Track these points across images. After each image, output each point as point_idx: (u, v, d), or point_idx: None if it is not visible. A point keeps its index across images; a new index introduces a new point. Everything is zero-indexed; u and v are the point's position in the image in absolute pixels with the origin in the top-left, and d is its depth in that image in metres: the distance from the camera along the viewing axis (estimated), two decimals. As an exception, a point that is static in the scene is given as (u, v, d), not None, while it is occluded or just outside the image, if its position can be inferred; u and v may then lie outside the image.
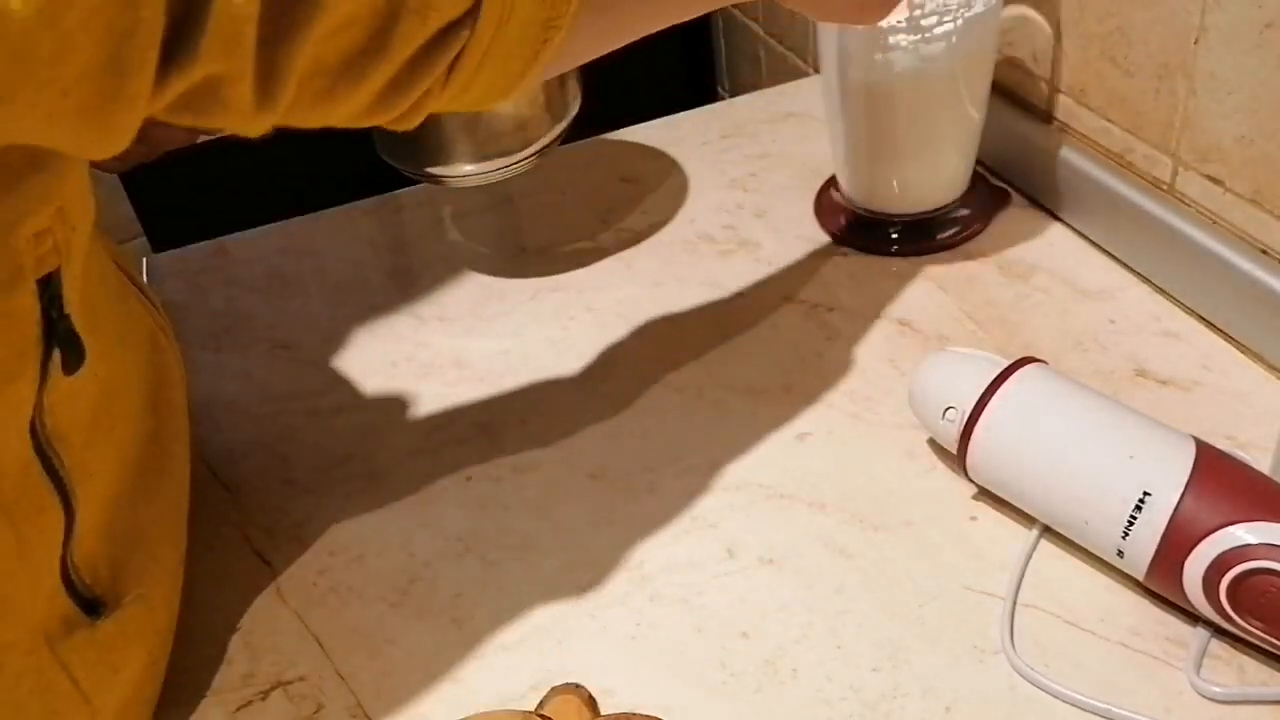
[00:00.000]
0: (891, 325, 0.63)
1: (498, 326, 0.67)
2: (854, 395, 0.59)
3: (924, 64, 0.62)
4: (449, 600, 0.51)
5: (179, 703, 0.47)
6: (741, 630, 0.48)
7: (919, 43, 0.61)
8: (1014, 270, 0.66)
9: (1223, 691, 0.42)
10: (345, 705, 0.47)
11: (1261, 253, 0.57)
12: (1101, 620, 0.46)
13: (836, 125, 0.69)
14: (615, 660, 0.47)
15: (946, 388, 0.51)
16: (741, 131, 0.84)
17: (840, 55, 0.65)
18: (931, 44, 0.61)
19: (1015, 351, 0.53)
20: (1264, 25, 0.53)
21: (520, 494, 0.56)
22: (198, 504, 0.57)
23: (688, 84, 1.24)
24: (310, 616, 0.51)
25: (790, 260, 0.70)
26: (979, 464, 0.49)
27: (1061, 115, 0.70)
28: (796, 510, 0.53)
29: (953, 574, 0.49)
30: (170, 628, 0.47)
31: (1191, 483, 0.43)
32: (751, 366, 0.62)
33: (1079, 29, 0.66)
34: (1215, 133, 0.58)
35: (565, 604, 0.50)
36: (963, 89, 0.64)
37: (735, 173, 0.79)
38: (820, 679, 0.45)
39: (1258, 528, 0.41)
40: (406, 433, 0.60)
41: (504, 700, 0.46)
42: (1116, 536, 0.45)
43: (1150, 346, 0.59)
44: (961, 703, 0.44)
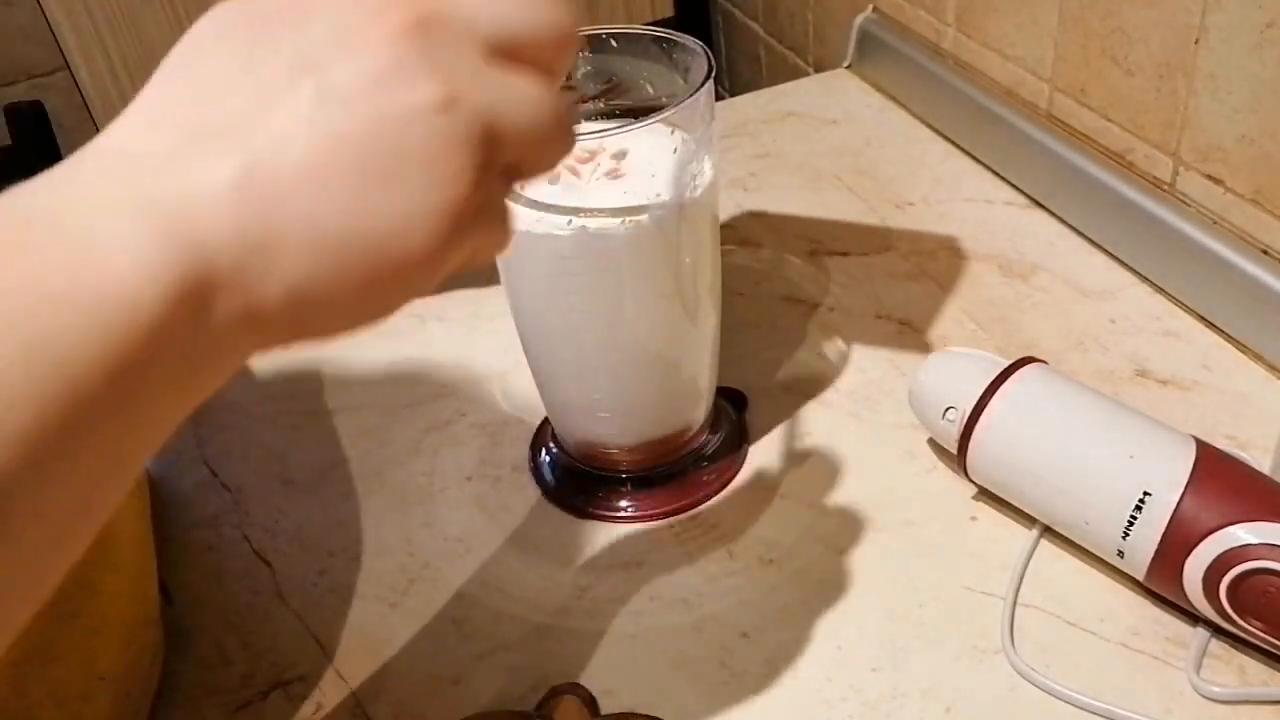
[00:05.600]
0: (891, 325, 0.63)
1: (498, 326, 0.67)
2: (854, 395, 0.59)
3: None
4: (449, 600, 0.51)
5: (179, 703, 0.47)
6: (741, 630, 0.48)
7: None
8: (1014, 270, 0.66)
9: (1223, 691, 0.42)
10: (345, 705, 0.47)
11: (1262, 253, 0.57)
12: (1101, 620, 0.46)
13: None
14: (615, 660, 0.47)
15: (946, 388, 0.51)
16: (741, 131, 0.84)
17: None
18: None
19: (1015, 351, 0.53)
20: (1264, 25, 0.53)
21: (520, 494, 0.56)
22: (199, 504, 0.57)
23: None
24: (310, 616, 0.51)
25: (790, 259, 0.70)
26: (979, 464, 0.49)
27: (1061, 115, 0.70)
28: (796, 510, 0.53)
29: (953, 574, 0.49)
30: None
31: (1191, 483, 0.43)
32: (751, 366, 0.61)
33: (1079, 29, 0.66)
34: (1216, 132, 0.58)
35: (565, 604, 0.50)
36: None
37: (735, 173, 0.79)
38: (820, 679, 0.45)
39: (1258, 528, 0.41)
40: (406, 433, 0.60)
41: (504, 700, 0.46)
42: (1116, 536, 0.45)
43: (1150, 346, 0.59)
44: (961, 703, 0.44)
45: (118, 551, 0.44)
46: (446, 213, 0.25)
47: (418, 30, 0.24)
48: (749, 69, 1.17)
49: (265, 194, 0.23)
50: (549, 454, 0.57)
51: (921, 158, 0.78)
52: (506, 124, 0.26)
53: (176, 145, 0.23)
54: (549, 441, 0.57)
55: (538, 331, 0.51)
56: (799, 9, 1.01)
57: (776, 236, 0.72)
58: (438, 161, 0.24)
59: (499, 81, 0.26)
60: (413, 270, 0.25)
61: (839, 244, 0.70)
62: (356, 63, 0.24)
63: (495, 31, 0.26)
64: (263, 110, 0.23)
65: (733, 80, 1.22)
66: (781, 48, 1.07)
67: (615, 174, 0.45)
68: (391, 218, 0.24)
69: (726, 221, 0.74)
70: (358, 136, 0.24)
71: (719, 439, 0.56)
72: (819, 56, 1.00)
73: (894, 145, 0.80)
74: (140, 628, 0.46)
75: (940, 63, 0.80)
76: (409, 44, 0.24)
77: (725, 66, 1.23)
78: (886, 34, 0.86)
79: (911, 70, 0.83)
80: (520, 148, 0.27)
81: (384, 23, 0.24)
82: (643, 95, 0.49)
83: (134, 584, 0.45)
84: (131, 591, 0.45)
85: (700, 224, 0.47)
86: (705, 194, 0.46)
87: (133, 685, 0.44)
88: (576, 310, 0.47)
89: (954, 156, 0.78)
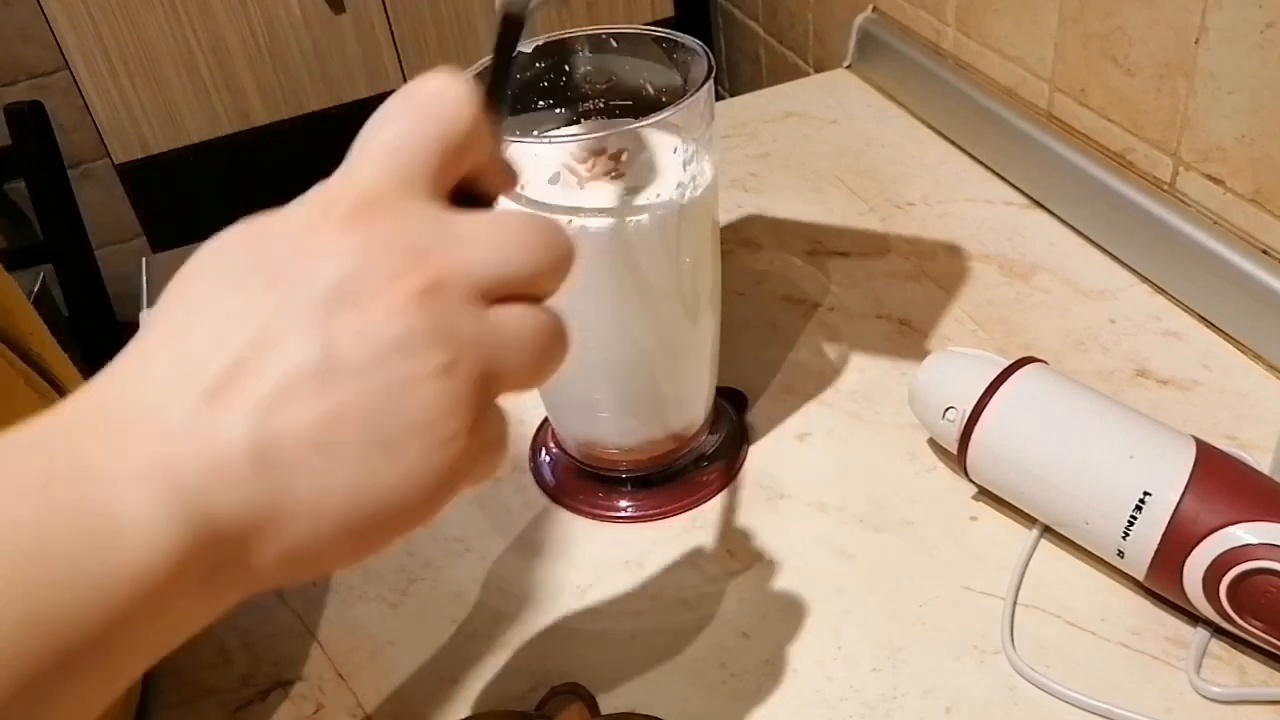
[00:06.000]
0: (891, 325, 0.63)
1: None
2: (854, 395, 0.59)
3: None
4: (449, 600, 0.51)
5: (179, 703, 0.47)
6: (741, 630, 0.48)
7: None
8: (1014, 270, 0.66)
9: (1223, 691, 0.42)
10: (345, 705, 0.47)
11: (1262, 253, 0.57)
12: (1101, 620, 0.46)
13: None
14: (615, 660, 0.47)
15: (946, 388, 0.51)
16: (741, 131, 0.84)
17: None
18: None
19: (1015, 351, 0.53)
20: (1264, 25, 0.53)
21: (520, 494, 0.56)
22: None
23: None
24: (310, 616, 0.51)
25: (790, 259, 0.70)
26: (979, 464, 0.49)
27: (1061, 115, 0.70)
28: (796, 510, 0.53)
29: (953, 574, 0.49)
30: None
31: (1191, 483, 0.43)
32: (751, 366, 0.61)
33: (1079, 29, 0.66)
34: (1216, 132, 0.58)
35: (565, 604, 0.50)
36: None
37: (735, 173, 0.79)
38: (820, 679, 0.45)
39: (1258, 528, 0.41)
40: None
41: (504, 700, 0.46)
42: (1117, 536, 0.45)
43: (1150, 346, 0.59)
44: (961, 703, 0.44)
45: None
46: (445, 470, 0.25)
47: (425, 298, 0.25)
48: (749, 69, 1.17)
49: (276, 467, 0.23)
50: (549, 454, 0.57)
51: (921, 158, 0.78)
52: (504, 369, 0.26)
53: (196, 407, 0.23)
54: (549, 441, 0.57)
55: (537, 331, 0.50)
56: (799, 9, 1.01)
57: (776, 236, 0.72)
58: (438, 425, 0.25)
59: (497, 332, 0.26)
60: (410, 521, 0.26)
61: (839, 244, 0.70)
62: (365, 332, 0.24)
63: (496, 279, 0.26)
64: (276, 374, 0.24)
65: (733, 80, 1.22)
66: (781, 48, 1.07)
67: (615, 174, 0.45)
68: (393, 483, 0.25)
69: (726, 221, 0.74)
70: (364, 408, 0.24)
71: (719, 439, 0.56)
72: (819, 56, 1.00)
73: (894, 145, 0.80)
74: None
75: (940, 63, 0.80)
76: (417, 314, 0.24)
77: (725, 66, 1.23)
78: (886, 34, 0.86)
79: (911, 70, 0.83)
80: (518, 379, 0.27)
81: (395, 290, 0.24)
82: (643, 95, 0.49)
83: None
84: None
85: (700, 224, 0.47)
86: (705, 194, 0.46)
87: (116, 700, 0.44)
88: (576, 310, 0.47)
89: (954, 156, 0.78)
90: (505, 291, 0.27)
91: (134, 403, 0.24)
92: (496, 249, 0.27)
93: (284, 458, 0.23)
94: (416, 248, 0.25)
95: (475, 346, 0.25)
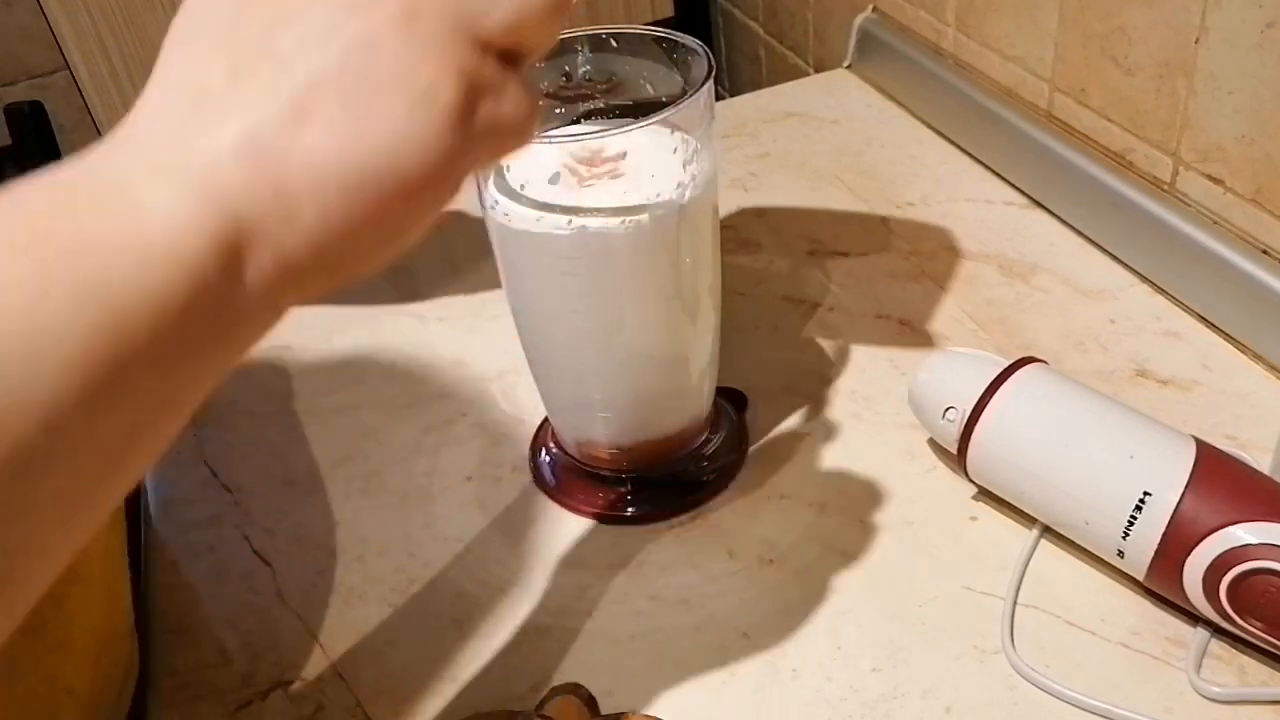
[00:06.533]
0: (891, 325, 0.63)
1: (498, 327, 0.67)
2: (854, 395, 0.59)
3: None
4: (449, 600, 0.51)
5: (179, 703, 0.47)
6: (741, 630, 0.48)
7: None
8: (1014, 270, 0.66)
9: (1223, 691, 0.42)
10: (345, 705, 0.47)
11: (1262, 253, 0.57)
12: (1101, 620, 0.46)
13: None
14: (615, 660, 0.47)
15: (946, 388, 0.51)
16: (741, 131, 0.84)
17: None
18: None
19: (1015, 351, 0.53)
20: (1264, 25, 0.53)
21: (520, 494, 0.56)
22: (199, 504, 0.57)
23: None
24: (310, 616, 0.51)
25: (790, 259, 0.70)
26: (979, 464, 0.49)
27: (1061, 115, 0.70)
28: (796, 510, 0.53)
29: (953, 574, 0.49)
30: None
31: (1192, 483, 0.43)
32: (751, 366, 0.61)
33: (1079, 29, 0.66)
34: (1216, 132, 0.58)
35: (565, 604, 0.50)
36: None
37: (735, 173, 0.79)
38: (820, 679, 0.45)
39: (1258, 528, 0.41)
40: (406, 433, 0.60)
41: (504, 700, 0.46)
42: (1116, 536, 0.45)
43: (1150, 346, 0.59)
44: (961, 703, 0.44)
45: (84, 565, 0.44)
46: (438, 123, 0.25)
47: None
48: (749, 69, 1.17)
49: (266, 151, 0.24)
50: (549, 454, 0.57)
51: (921, 158, 0.78)
52: (480, 13, 0.26)
53: (183, 117, 0.24)
54: (549, 441, 0.57)
55: (538, 331, 0.51)
56: (799, 9, 1.01)
57: (776, 236, 0.72)
58: (411, 76, 0.25)
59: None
60: (424, 186, 0.25)
61: (839, 244, 0.70)
62: (323, 4, 0.25)
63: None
64: (251, 71, 0.24)
65: (733, 80, 1.22)
66: (781, 48, 1.07)
67: (615, 174, 0.45)
68: (383, 144, 0.24)
69: (726, 221, 0.74)
70: (332, 73, 0.24)
71: (719, 439, 0.56)
72: (819, 56, 1.00)
73: (894, 145, 0.80)
74: (111, 641, 0.45)
75: (940, 63, 0.80)
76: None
77: (725, 66, 1.23)
78: (886, 34, 0.86)
79: (911, 70, 0.83)
80: (507, 31, 0.27)
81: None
82: (643, 95, 0.49)
83: (103, 598, 0.45)
84: (101, 606, 0.45)
85: (700, 224, 0.47)
86: (705, 194, 0.46)
87: (103, 700, 0.44)
88: (576, 310, 0.47)
89: (954, 156, 0.78)
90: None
91: (135, 127, 0.25)
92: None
93: (270, 140, 0.24)
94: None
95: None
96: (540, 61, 0.48)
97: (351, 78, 0.24)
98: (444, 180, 0.26)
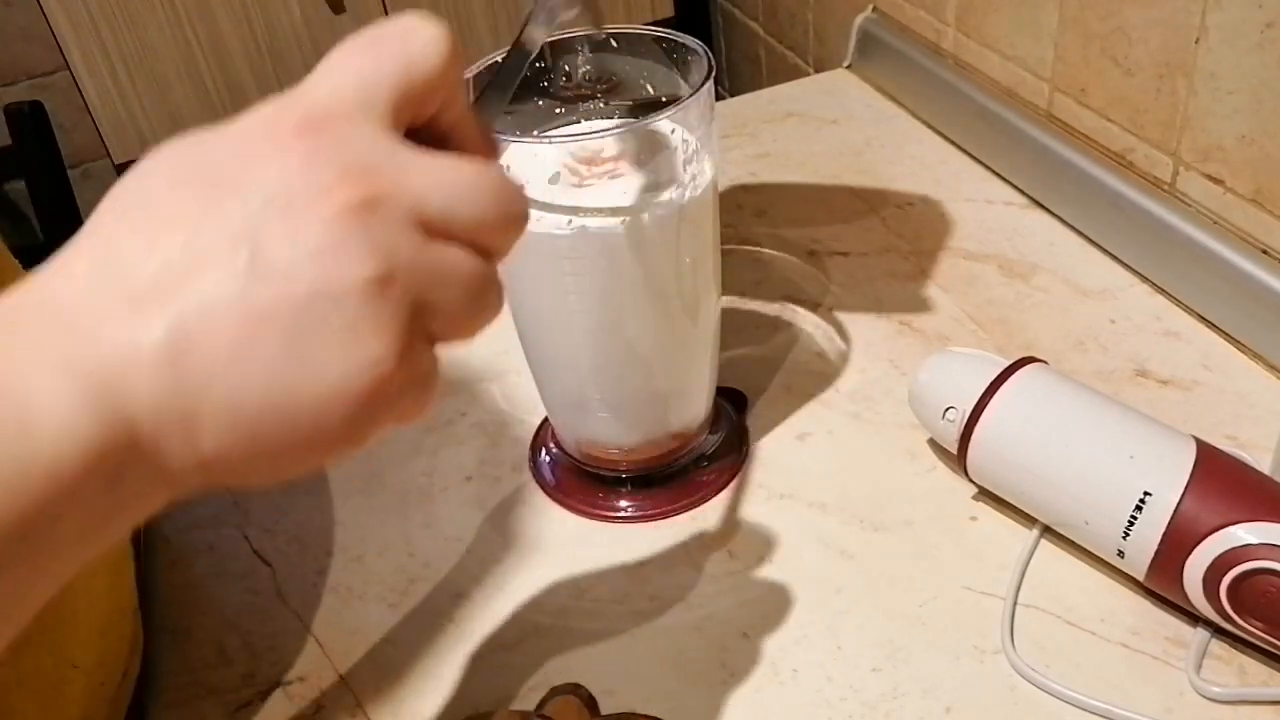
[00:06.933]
0: (891, 325, 0.63)
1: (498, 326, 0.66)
2: (854, 395, 0.59)
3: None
4: (449, 600, 0.51)
5: (179, 703, 0.47)
6: (741, 630, 0.48)
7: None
8: (1014, 270, 0.66)
9: (1223, 691, 0.42)
10: (345, 705, 0.47)
11: (1262, 253, 0.57)
12: (1101, 620, 0.46)
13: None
14: (615, 660, 0.47)
15: (946, 388, 0.51)
16: (741, 131, 0.84)
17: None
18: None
19: (1015, 351, 0.53)
20: (1264, 25, 0.53)
21: (520, 494, 0.56)
22: (199, 504, 0.57)
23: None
24: (310, 616, 0.51)
25: (790, 259, 0.70)
26: (979, 464, 0.49)
27: (1061, 115, 0.70)
28: (796, 510, 0.53)
29: (953, 574, 0.49)
30: None
31: (1192, 483, 0.43)
32: (752, 366, 0.61)
33: (1079, 29, 0.66)
34: (1216, 132, 0.58)
35: (565, 604, 0.50)
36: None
37: (735, 173, 0.79)
38: (820, 679, 0.45)
39: (1258, 528, 0.41)
40: (406, 433, 0.60)
41: (504, 700, 0.46)
42: (1117, 536, 0.45)
43: (1150, 346, 0.59)
44: (961, 703, 0.44)
45: None
46: (367, 392, 0.24)
47: (363, 211, 0.24)
48: (749, 69, 1.17)
49: (190, 365, 0.23)
50: (549, 454, 0.57)
51: (921, 158, 0.78)
52: (439, 302, 0.25)
53: (114, 305, 0.23)
54: (549, 441, 0.57)
55: (538, 331, 0.51)
56: (799, 9, 1.01)
57: (776, 236, 0.72)
58: (364, 344, 0.24)
59: (436, 263, 0.25)
60: (329, 444, 0.24)
61: (839, 244, 0.70)
62: (296, 238, 0.23)
63: (441, 212, 0.25)
64: (199, 276, 0.23)
65: (733, 80, 1.22)
66: (781, 48, 1.07)
67: (615, 174, 0.45)
68: (311, 398, 0.24)
69: (726, 221, 0.74)
70: (286, 312, 0.23)
71: (719, 439, 0.56)
72: (819, 56, 1.00)
73: (894, 145, 0.80)
74: (116, 617, 0.45)
75: (940, 63, 0.80)
76: (352, 223, 0.24)
77: (725, 66, 1.23)
78: (886, 34, 0.86)
79: (911, 70, 0.83)
80: (455, 329, 0.27)
81: (331, 200, 0.24)
82: (643, 95, 0.49)
83: (107, 574, 0.45)
84: (105, 580, 0.45)
85: (700, 224, 0.47)
86: (705, 194, 0.46)
87: (108, 675, 0.44)
88: (576, 310, 0.47)
89: (954, 156, 0.78)
90: (449, 231, 0.26)
91: (56, 303, 0.23)
92: (447, 185, 0.26)
93: (199, 360, 0.23)
94: (363, 164, 0.24)
95: (411, 270, 0.24)
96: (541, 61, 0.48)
97: (306, 323, 0.23)
98: (351, 441, 0.25)
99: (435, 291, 0.25)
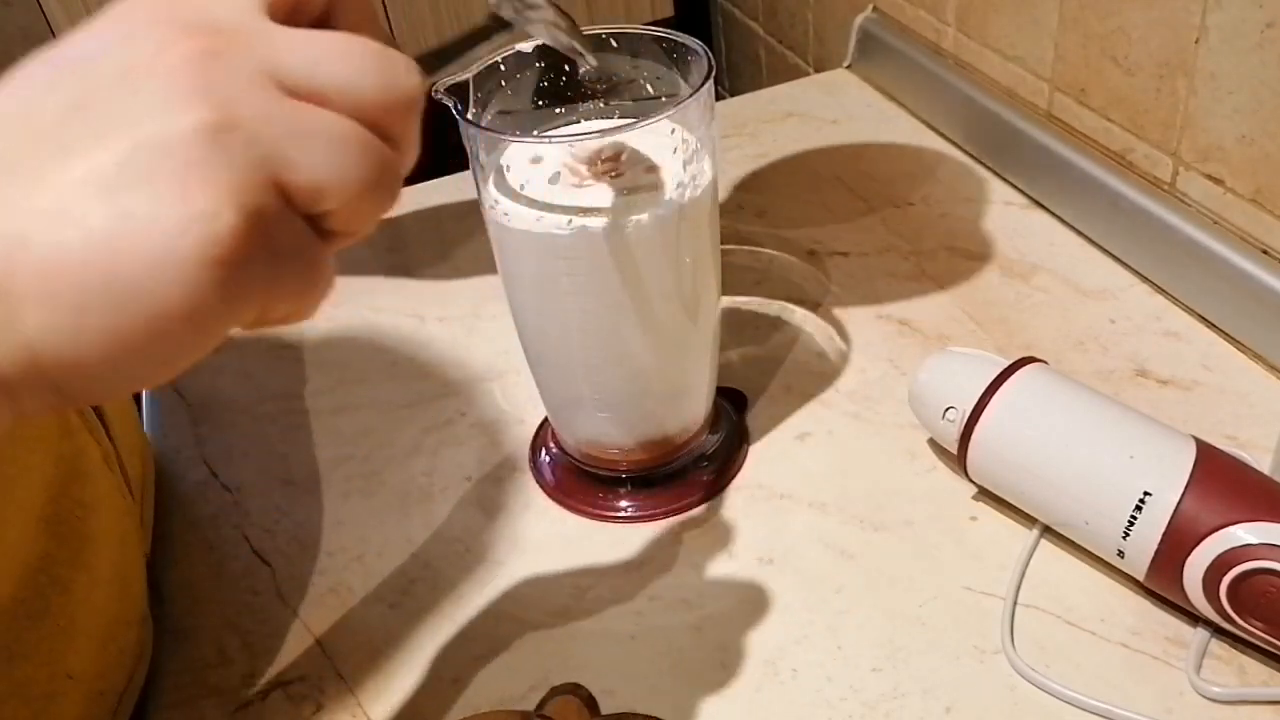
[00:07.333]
0: (891, 325, 0.63)
1: (498, 326, 0.67)
2: (854, 395, 0.59)
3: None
4: (449, 600, 0.51)
5: (179, 703, 0.47)
6: (741, 630, 0.48)
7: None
8: (1014, 270, 0.66)
9: (1223, 691, 0.42)
10: (345, 705, 0.47)
11: (1262, 253, 0.57)
12: (1101, 620, 0.46)
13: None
14: (615, 660, 0.47)
15: (946, 388, 0.51)
16: (741, 131, 0.84)
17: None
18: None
19: (1015, 351, 0.53)
20: (1264, 25, 0.53)
21: (520, 494, 0.56)
22: (199, 504, 0.57)
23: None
24: (310, 616, 0.51)
25: (790, 259, 0.70)
26: (979, 464, 0.49)
27: (1061, 115, 0.70)
28: (796, 510, 0.53)
29: (953, 574, 0.49)
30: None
31: (1192, 483, 0.43)
32: (752, 366, 0.61)
33: (1079, 29, 0.66)
34: (1216, 132, 0.58)
35: (565, 604, 0.50)
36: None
37: (735, 173, 0.79)
38: (820, 679, 0.45)
39: (1258, 528, 0.41)
40: (406, 433, 0.60)
41: (504, 700, 0.46)
42: (1117, 536, 0.45)
43: (1150, 346, 0.59)
44: (961, 703, 0.44)
45: (91, 552, 0.44)
46: (207, 257, 0.21)
47: (202, 58, 0.22)
48: (749, 69, 1.17)
49: (9, 235, 0.21)
50: (549, 454, 0.57)
51: (921, 158, 0.78)
52: (298, 160, 0.23)
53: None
54: (549, 441, 0.57)
55: (537, 331, 0.51)
56: (799, 9, 1.01)
57: (776, 236, 0.72)
58: (192, 194, 0.21)
59: (293, 118, 0.23)
60: (175, 326, 0.22)
61: (839, 244, 0.70)
62: (128, 92, 0.22)
63: (303, 76, 0.23)
64: (20, 142, 0.22)
65: (733, 80, 1.22)
66: (781, 48, 1.07)
67: (615, 174, 0.45)
68: (135, 257, 0.21)
69: (726, 221, 0.74)
70: (107, 164, 0.21)
71: (719, 439, 0.56)
72: (819, 56, 1.00)
73: (894, 145, 0.80)
74: (120, 628, 0.45)
75: (940, 63, 0.80)
76: (187, 69, 0.22)
77: (725, 66, 1.22)
78: (886, 34, 0.86)
79: (911, 70, 0.83)
80: (319, 193, 0.23)
81: (172, 52, 0.22)
82: (643, 95, 0.49)
83: (112, 584, 0.45)
84: (109, 592, 0.45)
85: (700, 224, 0.47)
86: (705, 194, 0.46)
87: (107, 685, 0.44)
88: (576, 310, 0.47)
89: (954, 156, 0.78)
90: (319, 96, 0.23)
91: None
92: (309, 46, 0.23)
93: (10, 222, 0.21)
94: (214, 20, 0.23)
95: (260, 121, 0.22)
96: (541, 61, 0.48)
97: (127, 177, 0.21)
98: (202, 325, 0.22)
99: (294, 150, 0.22)
